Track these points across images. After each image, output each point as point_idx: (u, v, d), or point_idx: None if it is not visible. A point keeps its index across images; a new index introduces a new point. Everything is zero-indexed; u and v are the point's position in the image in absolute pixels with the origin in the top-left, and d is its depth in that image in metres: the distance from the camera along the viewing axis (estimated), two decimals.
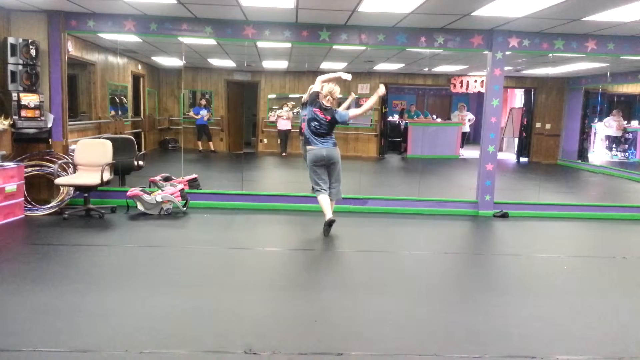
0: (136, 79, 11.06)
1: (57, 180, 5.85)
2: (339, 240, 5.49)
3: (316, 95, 5.42)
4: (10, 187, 5.61)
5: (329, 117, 5.35)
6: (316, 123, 5.37)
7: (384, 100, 13.68)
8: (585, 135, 12.34)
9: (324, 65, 11.80)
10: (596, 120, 12.00)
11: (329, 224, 5.35)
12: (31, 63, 5.95)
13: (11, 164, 5.73)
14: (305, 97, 5.97)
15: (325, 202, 5.41)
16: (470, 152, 14.07)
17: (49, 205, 6.09)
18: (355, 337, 3.11)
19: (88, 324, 3.14)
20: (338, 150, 5.50)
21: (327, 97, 5.38)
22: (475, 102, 17.17)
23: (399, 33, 6.52)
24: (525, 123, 13.61)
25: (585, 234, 6.43)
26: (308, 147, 5.46)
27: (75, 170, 6.18)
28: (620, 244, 5.89)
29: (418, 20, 6.09)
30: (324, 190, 5.45)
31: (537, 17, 5.71)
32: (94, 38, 7.95)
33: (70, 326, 3.10)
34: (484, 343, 3.08)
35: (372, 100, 5.40)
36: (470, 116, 14.70)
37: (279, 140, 13.22)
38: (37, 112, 6.01)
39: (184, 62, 10.34)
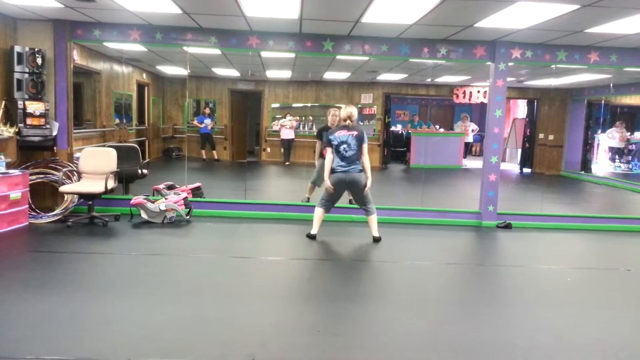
0: (141, 87, 11.14)
1: (62, 188, 5.87)
2: (340, 250, 5.51)
3: (327, 127, 6.42)
4: (15, 194, 5.64)
5: (355, 132, 5.43)
6: (345, 145, 5.43)
7: (386, 110, 13.74)
8: (588, 146, 12.34)
9: (327, 75, 11.89)
10: (599, 132, 12.00)
11: (311, 236, 5.70)
12: (37, 71, 6.00)
13: (16, 172, 5.76)
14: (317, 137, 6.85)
15: (318, 216, 5.72)
16: (473, 163, 14.07)
17: (53, 213, 6.11)
18: (358, 348, 3.10)
19: (91, 332, 3.14)
20: (363, 176, 5.54)
21: (347, 121, 5.46)
22: (478, 112, 17.20)
23: (402, 44, 6.57)
24: (528, 134, 13.64)
25: (588, 246, 6.41)
26: (332, 175, 5.49)
27: (79, 178, 6.21)
28: (623, 256, 5.86)
29: (421, 31, 6.13)
30: (325, 206, 5.71)
31: (539, 29, 5.74)
32: (99, 47, 8.02)
33: (73, 334, 3.10)
34: (487, 355, 3.07)
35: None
36: (473, 126, 14.74)
37: (282, 150, 13.28)
38: (43, 120, 6.05)
39: (189, 71, 10.39)
